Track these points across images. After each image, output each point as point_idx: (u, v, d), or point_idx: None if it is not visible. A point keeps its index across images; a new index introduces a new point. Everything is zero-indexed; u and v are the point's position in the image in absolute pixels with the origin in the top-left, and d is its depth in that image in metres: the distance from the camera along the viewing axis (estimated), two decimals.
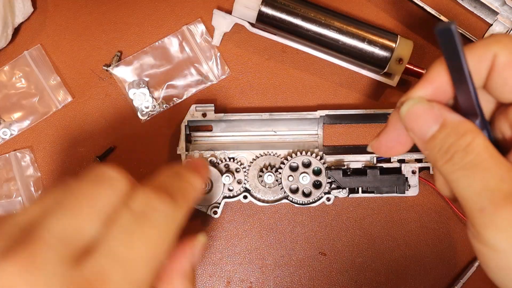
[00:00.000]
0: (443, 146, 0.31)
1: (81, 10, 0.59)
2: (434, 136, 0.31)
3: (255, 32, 0.56)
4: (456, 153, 0.30)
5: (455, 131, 0.30)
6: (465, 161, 0.30)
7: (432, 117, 0.31)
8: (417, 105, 0.32)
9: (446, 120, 0.31)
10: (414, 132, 0.32)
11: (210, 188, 0.55)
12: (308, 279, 0.57)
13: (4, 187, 0.57)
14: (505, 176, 0.29)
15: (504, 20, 0.58)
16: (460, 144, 0.30)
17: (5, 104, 0.58)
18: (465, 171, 0.30)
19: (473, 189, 0.29)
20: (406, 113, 0.32)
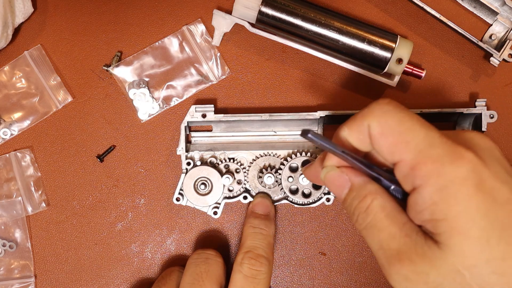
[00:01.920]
0: (351, 208, 0.37)
1: (81, 10, 0.59)
2: (345, 199, 0.38)
3: (255, 32, 0.56)
4: (359, 215, 0.36)
5: (358, 194, 0.37)
6: (365, 222, 0.36)
7: (342, 182, 0.38)
8: (330, 173, 0.39)
9: (353, 184, 0.37)
10: (334, 193, 0.40)
11: (210, 189, 0.55)
12: (308, 279, 0.57)
13: (4, 187, 0.57)
14: (396, 234, 0.34)
15: (504, 20, 0.58)
16: (361, 206, 0.36)
17: (5, 104, 0.58)
18: (366, 231, 0.36)
19: (373, 247, 0.36)
20: (324, 179, 0.39)
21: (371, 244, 0.36)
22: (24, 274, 0.57)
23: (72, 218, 0.58)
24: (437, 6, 0.57)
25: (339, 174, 0.38)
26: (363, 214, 0.36)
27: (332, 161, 0.39)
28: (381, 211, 0.35)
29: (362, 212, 0.36)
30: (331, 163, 0.39)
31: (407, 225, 0.35)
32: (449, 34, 0.58)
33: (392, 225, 0.35)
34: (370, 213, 0.35)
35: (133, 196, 0.58)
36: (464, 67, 0.59)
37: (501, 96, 0.58)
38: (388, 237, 0.34)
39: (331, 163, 0.39)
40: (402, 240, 0.34)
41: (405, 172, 0.34)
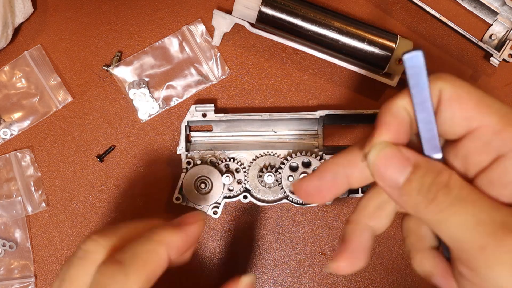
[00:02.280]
0: (423, 186, 0.29)
1: (81, 10, 0.59)
2: (409, 179, 0.29)
3: (255, 32, 0.56)
4: (439, 191, 0.28)
5: (429, 170, 0.29)
6: (450, 197, 0.28)
7: (402, 161, 0.29)
8: (385, 150, 0.30)
9: (418, 162, 0.29)
10: (385, 179, 0.30)
11: (210, 188, 0.55)
12: (308, 279, 0.57)
13: (4, 187, 0.57)
14: (492, 206, 0.28)
15: (504, 20, 0.58)
16: (440, 181, 0.29)
17: (5, 104, 0.58)
18: (453, 208, 0.28)
19: (466, 225, 0.27)
20: (374, 160, 0.30)
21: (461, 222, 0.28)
22: (24, 274, 0.57)
23: (72, 218, 0.58)
24: (437, 6, 0.57)
25: (398, 150, 0.29)
26: (445, 190, 0.28)
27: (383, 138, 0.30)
28: (465, 185, 0.29)
29: (441, 187, 0.28)
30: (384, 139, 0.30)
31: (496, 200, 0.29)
32: (449, 34, 0.58)
33: (482, 198, 0.28)
34: (454, 187, 0.28)
35: (133, 196, 0.58)
36: (464, 67, 0.59)
37: (501, 96, 0.58)
38: (488, 208, 0.28)
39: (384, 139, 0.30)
40: (505, 210, 0.28)
41: (487, 139, 0.29)
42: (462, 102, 0.30)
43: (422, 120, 0.29)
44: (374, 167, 0.30)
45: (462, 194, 0.28)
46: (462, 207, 0.28)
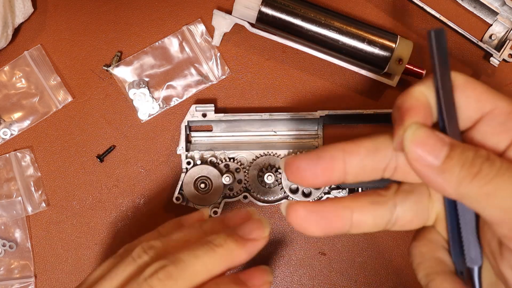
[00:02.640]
0: (466, 161, 0.28)
1: (81, 10, 0.59)
2: (449, 156, 0.28)
3: (255, 32, 0.56)
4: (483, 163, 0.28)
5: (468, 148, 0.28)
6: (495, 168, 0.27)
7: (438, 141, 0.28)
8: (420, 131, 0.29)
9: (453, 142, 0.29)
10: (421, 160, 0.29)
11: (210, 188, 0.55)
12: (308, 279, 0.57)
13: (4, 187, 0.57)
14: None
15: (504, 20, 0.58)
16: (481, 154, 0.28)
17: (5, 104, 0.58)
18: (501, 177, 0.27)
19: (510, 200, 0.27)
20: (411, 141, 0.29)
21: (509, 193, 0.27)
22: (24, 274, 0.57)
23: (72, 218, 0.58)
24: (437, 6, 0.57)
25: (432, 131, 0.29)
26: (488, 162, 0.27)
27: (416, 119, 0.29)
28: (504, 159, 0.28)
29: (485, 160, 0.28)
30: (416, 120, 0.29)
31: None
32: (449, 34, 0.58)
33: None
34: (496, 160, 0.28)
35: (133, 196, 0.58)
36: (464, 67, 0.59)
37: None
38: None
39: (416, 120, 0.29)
40: None
41: (502, 120, 0.29)
42: (475, 87, 0.30)
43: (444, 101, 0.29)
44: (411, 148, 0.29)
45: (505, 164, 0.27)
46: (504, 180, 0.27)
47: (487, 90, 0.30)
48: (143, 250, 0.37)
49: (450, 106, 0.29)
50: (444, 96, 0.29)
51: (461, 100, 0.30)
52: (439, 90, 0.29)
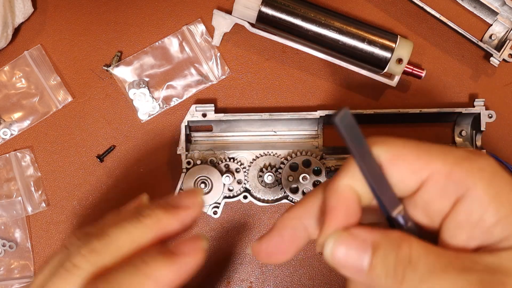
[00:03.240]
0: (389, 268, 0.27)
1: (81, 10, 0.59)
2: (372, 264, 0.28)
3: (255, 32, 0.56)
4: (406, 269, 0.27)
5: (389, 247, 0.28)
6: (419, 273, 0.27)
7: (359, 246, 0.28)
8: (339, 241, 0.28)
9: (375, 241, 0.28)
10: (350, 271, 0.28)
11: (210, 188, 0.55)
12: (308, 279, 0.57)
13: (4, 187, 0.57)
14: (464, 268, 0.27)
15: (504, 20, 0.58)
16: (402, 257, 0.27)
17: (5, 104, 0.58)
18: (426, 283, 0.27)
19: None
20: (331, 256, 0.29)
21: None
22: (24, 274, 0.57)
23: (72, 218, 0.58)
24: (437, 6, 0.57)
25: (351, 237, 0.28)
26: (411, 266, 0.27)
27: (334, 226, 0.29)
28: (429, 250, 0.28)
29: (407, 264, 0.27)
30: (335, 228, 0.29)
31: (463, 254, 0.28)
32: (449, 34, 0.58)
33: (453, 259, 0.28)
34: (418, 259, 0.27)
35: (133, 196, 0.58)
36: (464, 67, 0.59)
37: (501, 96, 0.58)
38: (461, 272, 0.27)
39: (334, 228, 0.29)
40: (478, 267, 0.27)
41: (442, 184, 0.29)
42: (404, 158, 0.29)
43: (371, 177, 0.29)
44: (334, 261, 0.29)
45: (429, 264, 0.27)
46: (434, 281, 0.27)
47: (419, 155, 0.29)
48: (76, 237, 0.35)
49: (382, 185, 0.29)
50: (373, 179, 0.28)
51: (395, 176, 0.29)
52: (365, 173, 0.28)
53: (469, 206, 0.28)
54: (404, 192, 0.30)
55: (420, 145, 0.30)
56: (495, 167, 0.29)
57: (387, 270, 0.27)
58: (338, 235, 0.28)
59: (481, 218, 0.28)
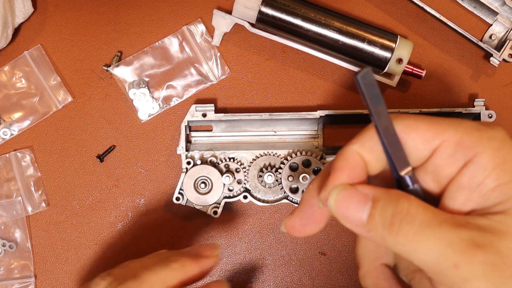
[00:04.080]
0: (386, 219, 0.29)
1: (81, 10, 0.59)
2: (371, 214, 0.30)
3: (255, 32, 0.56)
4: (402, 221, 0.29)
5: (388, 201, 0.30)
6: (415, 225, 0.29)
7: (361, 199, 0.30)
8: (342, 193, 0.31)
9: (376, 195, 0.30)
10: (349, 220, 0.31)
11: (210, 188, 0.55)
12: (308, 279, 0.57)
13: (4, 187, 0.57)
14: (457, 225, 0.29)
15: (504, 20, 0.58)
16: (400, 210, 0.29)
17: (5, 104, 0.58)
18: (421, 235, 0.28)
19: (437, 249, 0.28)
20: (334, 205, 0.31)
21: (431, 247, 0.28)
22: (24, 274, 0.57)
23: (72, 218, 0.58)
24: (437, 6, 0.57)
25: (354, 190, 0.31)
26: (408, 218, 0.29)
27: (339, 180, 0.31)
28: (426, 209, 0.29)
29: (404, 216, 0.29)
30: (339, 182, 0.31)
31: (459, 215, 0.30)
32: (449, 34, 0.58)
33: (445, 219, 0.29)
34: (416, 213, 0.29)
35: (133, 196, 0.58)
36: (464, 67, 0.59)
37: (501, 96, 0.58)
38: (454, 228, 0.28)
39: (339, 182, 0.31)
40: (470, 225, 0.29)
41: (451, 151, 0.30)
42: (418, 128, 0.31)
43: (386, 135, 0.30)
44: (336, 211, 0.31)
45: (425, 219, 0.29)
46: (429, 233, 0.28)
47: (431, 125, 0.31)
48: (101, 278, 0.40)
49: (395, 145, 0.30)
50: (386, 137, 0.30)
51: (408, 145, 0.31)
52: (379, 130, 0.30)
53: (473, 170, 0.30)
54: (417, 161, 0.32)
55: (434, 118, 0.31)
56: (505, 138, 0.30)
57: (384, 221, 0.29)
58: (342, 187, 0.31)
59: (482, 182, 0.29)
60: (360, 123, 0.58)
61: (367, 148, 0.32)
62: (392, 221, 0.29)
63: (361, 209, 0.30)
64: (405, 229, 0.29)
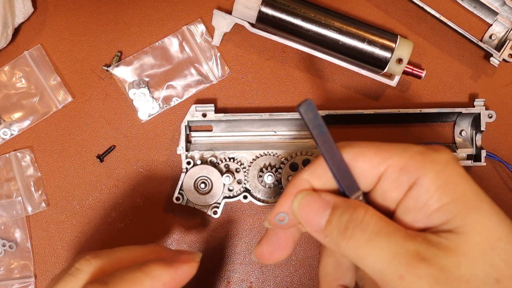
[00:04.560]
0: (341, 225, 0.31)
1: (81, 10, 0.59)
2: (329, 220, 0.32)
3: (255, 32, 0.56)
4: (355, 228, 0.31)
5: (346, 208, 0.32)
6: (367, 233, 0.30)
7: (322, 205, 0.32)
8: (306, 197, 0.33)
9: (336, 203, 0.32)
10: (310, 224, 0.33)
11: (210, 188, 0.55)
12: (308, 279, 0.57)
13: (4, 187, 0.57)
14: (409, 235, 0.30)
15: (504, 20, 0.58)
16: (356, 218, 0.31)
17: (5, 104, 0.58)
18: (371, 243, 0.30)
19: (385, 258, 0.30)
20: (297, 209, 0.33)
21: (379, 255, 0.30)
22: (24, 274, 0.57)
23: (72, 218, 0.58)
24: (437, 6, 0.57)
25: (317, 196, 0.33)
26: (361, 225, 0.31)
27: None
28: (380, 219, 0.31)
29: (358, 224, 0.31)
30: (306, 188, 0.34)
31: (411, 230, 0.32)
32: (449, 34, 0.58)
33: (397, 230, 0.31)
34: (369, 221, 0.31)
35: (133, 196, 0.58)
36: (464, 67, 0.59)
37: (501, 96, 0.58)
38: (402, 240, 0.30)
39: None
40: (419, 239, 0.30)
41: (396, 175, 0.32)
42: (365, 154, 0.33)
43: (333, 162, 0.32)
44: (299, 215, 0.33)
45: (377, 228, 0.31)
46: (378, 241, 0.30)
47: (378, 151, 0.33)
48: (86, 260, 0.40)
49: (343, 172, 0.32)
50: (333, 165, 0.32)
51: (356, 171, 0.33)
52: (326, 157, 0.32)
53: (417, 193, 0.31)
54: (367, 186, 0.33)
55: (381, 144, 0.33)
56: (448, 160, 0.32)
57: (339, 226, 0.31)
58: (307, 193, 0.33)
59: (426, 204, 0.31)
60: (360, 123, 0.58)
61: (316, 175, 0.34)
62: (347, 226, 0.31)
63: (321, 215, 0.32)
64: (357, 236, 0.30)
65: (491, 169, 0.58)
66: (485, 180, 0.58)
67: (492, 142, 0.58)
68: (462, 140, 0.58)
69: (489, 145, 0.58)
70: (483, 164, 0.55)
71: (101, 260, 0.39)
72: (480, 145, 0.56)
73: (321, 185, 0.34)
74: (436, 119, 0.58)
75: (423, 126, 0.59)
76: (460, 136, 0.58)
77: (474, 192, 0.31)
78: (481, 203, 0.31)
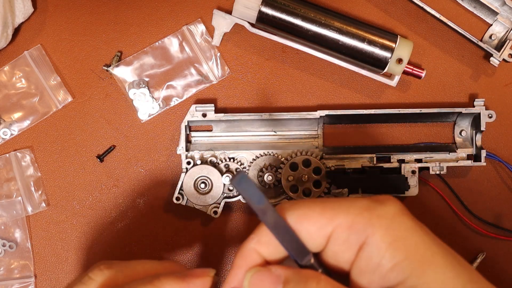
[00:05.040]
0: None
1: (81, 10, 0.59)
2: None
3: (255, 32, 0.56)
4: None
5: (298, 282, 0.31)
6: None
7: (273, 280, 0.31)
8: (256, 275, 0.32)
9: (287, 276, 0.31)
10: None
11: (210, 188, 0.55)
12: None
13: (4, 187, 0.57)
14: None
15: (504, 20, 0.58)
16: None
17: (5, 104, 0.58)
18: None
19: None
20: (249, 284, 0.32)
21: None
22: (24, 274, 0.57)
23: (72, 218, 0.58)
24: (437, 6, 0.57)
25: (266, 271, 0.32)
26: None
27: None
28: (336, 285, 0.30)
29: None
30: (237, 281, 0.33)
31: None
32: (449, 34, 0.58)
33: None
34: None
35: (133, 196, 0.58)
36: (464, 67, 0.59)
37: (501, 96, 0.58)
38: None
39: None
40: None
41: (345, 235, 0.31)
42: (309, 216, 0.32)
43: (277, 231, 0.31)
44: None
45: None
46: None
47: (323, 211, 0.32)
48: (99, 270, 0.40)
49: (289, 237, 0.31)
50: (277, 232, 0.31)
51: (303, 234, 0.32)
52: (269, 226, 0.31)
53: (368, 253, 0.30)
54: (316, 247, 0.32)
55: (326, 203, 0.32)
56: (395, 213, 0.31)
57: None
58: (256, 269, 0.32)
59: (379, 264, 0.30)
60: (360, 123, 0.58)
61: (263, 243, 0.33)
62: None
63: (275, 286, 0.31)
64: None
65: (491, 169, 0.58)
66: (485, 180, 0.58)
67: (492, 142, 0.58)
68: (462, 140, 0.58)
69: (489, 145, 0.58)
70: (483, 164, 0.55)
71: (114, 271, 0.39)
72: (480, 145, 0.56)
73: (269, 253, 0.33)
74: (436, 119, 0.58)
75: (423, 126, 0.59)
76: (460, 136, 0.58)
77: (425, 246, 0.30)
78: (434, 257, 0.30)
